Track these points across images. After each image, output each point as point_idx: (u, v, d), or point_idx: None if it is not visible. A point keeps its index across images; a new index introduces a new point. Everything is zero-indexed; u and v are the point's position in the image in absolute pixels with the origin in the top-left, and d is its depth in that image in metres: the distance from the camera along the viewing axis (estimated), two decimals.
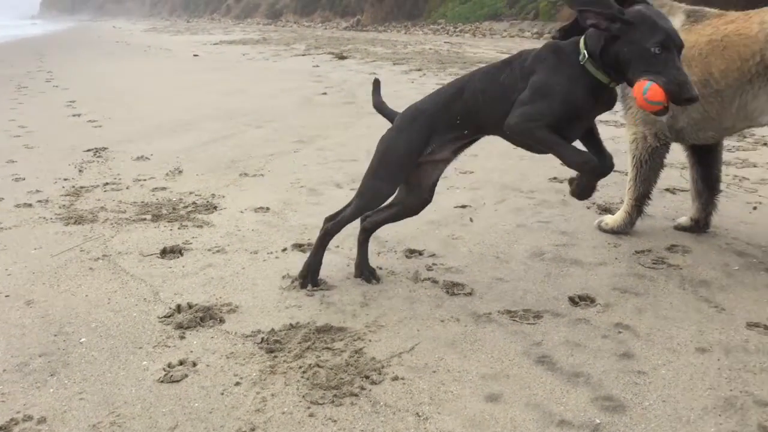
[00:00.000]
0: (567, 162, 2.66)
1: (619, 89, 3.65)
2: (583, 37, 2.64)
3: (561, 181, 4.82)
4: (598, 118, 2.90)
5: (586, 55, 2.60)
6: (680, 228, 3.72)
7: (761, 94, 3.06)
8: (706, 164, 3.61)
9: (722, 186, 4.45)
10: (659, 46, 2.43)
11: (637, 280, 3.10)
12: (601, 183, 4.71)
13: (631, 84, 2.52)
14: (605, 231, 3.71)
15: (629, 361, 2.41)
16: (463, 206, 4.26)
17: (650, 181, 3.57)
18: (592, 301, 2.90)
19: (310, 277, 3.08)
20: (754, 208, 4.08)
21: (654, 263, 3.29)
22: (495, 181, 4.87)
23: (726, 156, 5.01)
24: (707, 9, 3.40)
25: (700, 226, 3.66)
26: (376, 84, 3.33)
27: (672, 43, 2.44)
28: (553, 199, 4.42)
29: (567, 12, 21.63)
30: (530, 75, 2.68)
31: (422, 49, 17.94)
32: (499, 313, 2.80)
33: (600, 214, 4.03)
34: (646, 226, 3.76)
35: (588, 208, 4.20)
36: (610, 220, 3.72)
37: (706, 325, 2.66)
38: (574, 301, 2.91)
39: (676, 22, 3.34)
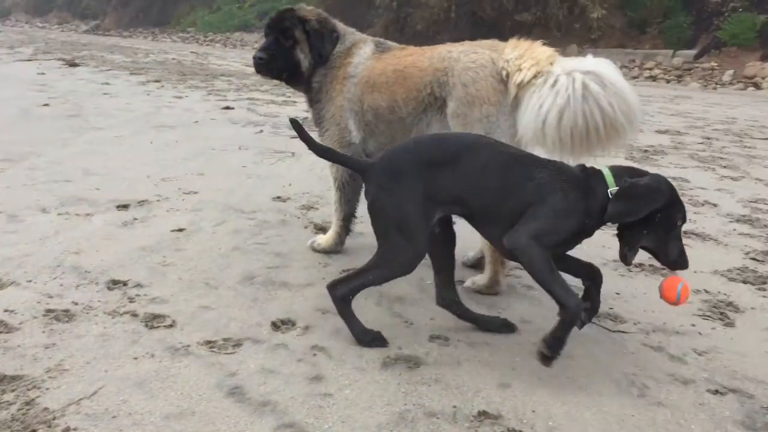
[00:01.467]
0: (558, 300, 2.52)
1: (311, 112, 3.79)
2: (610, 173, 2.63)
3: (284, 200, 4.89)
4: None
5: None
6: None
7: (434, 122, 3.35)
8: None
9: None
10: (682, 220, 2.60)
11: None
12: (322, 201, 4.89)
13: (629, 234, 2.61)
14: (318, 251, 3.82)
15: (318, 384, 2.48)
16: (180, 230, 4.12)
17: (353, 202, 3.74)
18: (294, 324, 2.95)
19: (371, 339, 2.80)
20: None
21: None
22: (218, 201, 4.79)
23: None
24: (390, 42, 3.68)
25: None
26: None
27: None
28: (273, 219, 4.45)
29: None
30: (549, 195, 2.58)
31: (165, 58, 17.28)
32: (198, 345, 2.73)
33: (316, 233, 4.14)
34: (356, 244, 3.94)
35: (306, 227, 4.29)
36: (322, 240, 3.84)
37: (394, 340, 2.83)
38: (276, 325, 2.93)
39: (367, 50, 3.56)
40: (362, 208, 3.91)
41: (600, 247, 4.09)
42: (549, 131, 2.92)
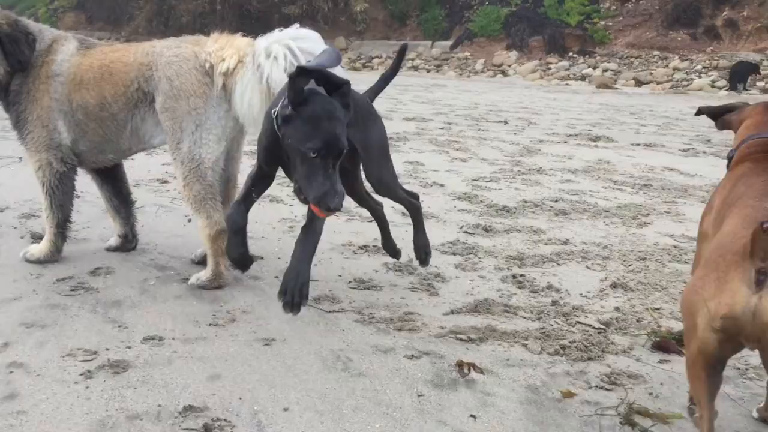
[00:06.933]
0: None
1: (9, 116, 3.55)
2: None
3: (1, 210, 4.52)
4: None
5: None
6: (112, 249, 3.81)
7: (147, 118, 3.32)
8: (114, 180, 3.79)
9: (167, 201, 4.74)
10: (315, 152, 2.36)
11: (48, 311, 3.05)
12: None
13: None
14: (32, 261, 3.58)
15: (12, 402, 2.34)
16: None
17: (66, 206, 3.58)
18: None
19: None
20: (189, 220, 4.40)
21: (72, 290, 3.29)
22: None
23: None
24: (96, 40, 3.58)
25: (129, 240, 3.81)
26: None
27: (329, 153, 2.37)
28: None
29: None
30: None
31: None
32: None
33: (34, 243, 3.87)
34: (76, 250, 3.76)
35: (22, 237, 4.01)
36: (36, 250, 3.61)
37: (104, 345, 2.75)
38: None
39: (70, 47, 3.43)
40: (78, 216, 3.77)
41: (331, 232, 4.29)
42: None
